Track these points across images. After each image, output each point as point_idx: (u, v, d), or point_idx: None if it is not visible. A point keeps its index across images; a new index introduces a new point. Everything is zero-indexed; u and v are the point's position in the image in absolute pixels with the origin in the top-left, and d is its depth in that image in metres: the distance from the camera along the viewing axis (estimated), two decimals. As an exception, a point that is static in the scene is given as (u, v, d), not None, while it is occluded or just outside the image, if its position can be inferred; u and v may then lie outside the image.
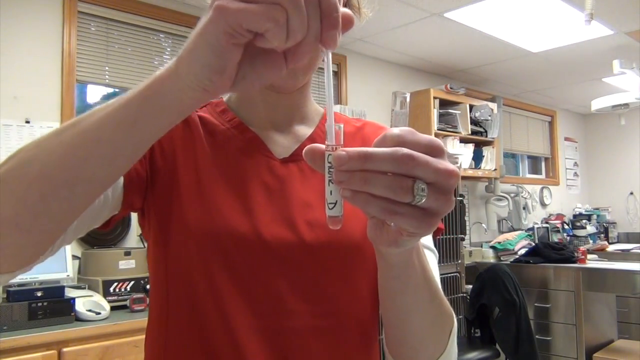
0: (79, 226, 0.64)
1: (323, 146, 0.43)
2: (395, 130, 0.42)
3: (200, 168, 0.72)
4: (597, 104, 4.08)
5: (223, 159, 0.73)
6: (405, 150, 0.40)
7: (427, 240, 0.76)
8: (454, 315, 0.68)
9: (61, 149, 0.50)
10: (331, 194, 0.44)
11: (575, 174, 6.36)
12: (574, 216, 5.90)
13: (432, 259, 0.74)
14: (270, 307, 0.68)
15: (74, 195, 0.51)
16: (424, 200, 0.40)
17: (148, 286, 1.79)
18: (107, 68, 2.77)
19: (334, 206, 0.44)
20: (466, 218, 4.50)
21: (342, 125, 0.44)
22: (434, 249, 0.76)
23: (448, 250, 3.34)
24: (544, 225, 5.17)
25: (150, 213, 0.72)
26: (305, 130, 0.79)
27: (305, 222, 0.70)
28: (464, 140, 4.39)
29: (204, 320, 0.68)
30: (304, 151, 0.44)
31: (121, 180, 0.67)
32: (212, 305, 0.68)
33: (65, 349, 1.87)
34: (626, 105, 3.94)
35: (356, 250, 0.71)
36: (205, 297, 0.68)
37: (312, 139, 0.78)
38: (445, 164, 0.41)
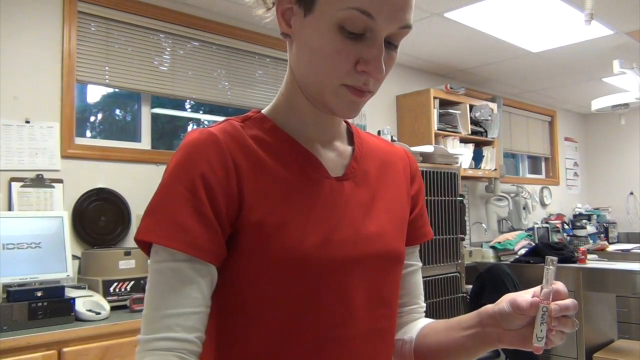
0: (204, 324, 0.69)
1: (537, 299, 0.70)
2: (562, 288, 0.72)
3: (269, 192, 0.72)
4: (597, 104, 4.08)
5: (285, 179, 0.74)
6: (575, 302, 0.71)
7: (416, 253, 0.93)
8: None
9: None
10: (541, 331, 0.68)
11: (575, 174, 6.37)
12: (574, 216, 5.90)
13: (418, 271, 0.93)
14: (344, 317, 0.74)
15: None
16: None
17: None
18: (107, 68, 2.77)
19: (542, 340, 0.68)
20: (466, 218, 4.50)
21: (554, 288, 0.72)
22: (419, 260, 0.94)
23: (448, 250, 3.34)
24: (544, 225, 5.18)
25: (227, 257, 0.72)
26: (343, 147, 0.84)
27: (366, 236, 0.78)
28: (464, 140, 4.39)
29: (278, 340, 0.71)
30: (519, 304, 0.71)
31: (215, 273, 0.70)
32: (288, 323, 0.71)
33: (65, 349, 1.87)
34: (626, 105, 3.94)
35: (400, 261, 0.84)
36: (281, 318, 0.71)
37: (355, 158, 0.83)
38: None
